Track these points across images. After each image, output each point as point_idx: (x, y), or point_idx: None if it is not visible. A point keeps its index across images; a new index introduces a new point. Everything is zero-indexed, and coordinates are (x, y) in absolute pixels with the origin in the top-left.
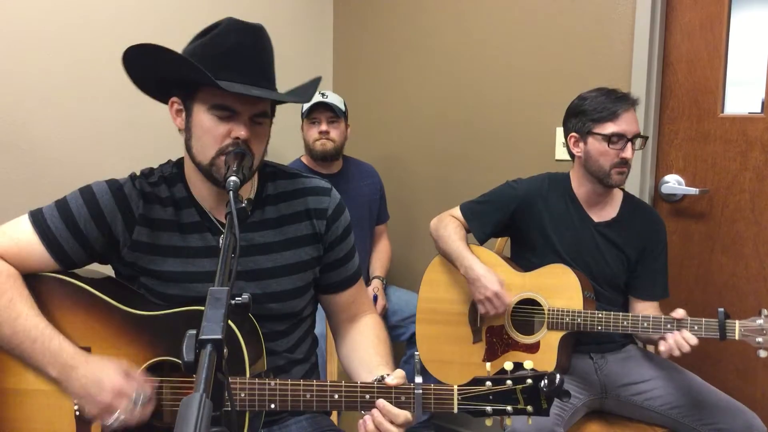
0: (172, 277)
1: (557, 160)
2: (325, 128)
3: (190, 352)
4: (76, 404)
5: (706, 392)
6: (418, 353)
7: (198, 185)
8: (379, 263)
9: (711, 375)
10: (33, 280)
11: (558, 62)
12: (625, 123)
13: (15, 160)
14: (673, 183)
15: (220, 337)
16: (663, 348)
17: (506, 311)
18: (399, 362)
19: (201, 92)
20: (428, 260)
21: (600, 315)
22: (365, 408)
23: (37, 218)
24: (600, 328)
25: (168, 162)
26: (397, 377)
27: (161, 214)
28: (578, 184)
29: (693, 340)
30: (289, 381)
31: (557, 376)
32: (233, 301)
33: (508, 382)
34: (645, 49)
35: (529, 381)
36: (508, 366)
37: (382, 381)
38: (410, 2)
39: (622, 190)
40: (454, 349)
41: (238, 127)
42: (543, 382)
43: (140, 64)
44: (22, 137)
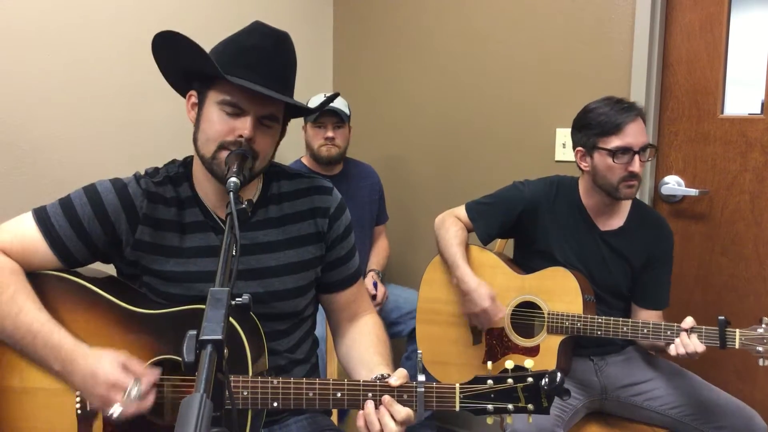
0: (174, 277)
1: (557, 161)
2: (331, 134)
3: (190, 352)
4: (79, 397)
5: (707, 392)
6: (420, 352)
7: (203, 184)
8: (375, 259)
9: (711, 376)
10: (36, 277)
11: (558, 63)
12: (631, 135)
13: (15, 160)
14: (673, 184)
15: (220, 337)
16: (672, 347)
17: (506, 314)
18: (400, 358)
19: (214, 87)
20: (428, 260)
21: (600, 320)
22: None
23: (41, 216)
24: (600, 333)
25: (173, 161)
26: (400, 377)
27: (165, 213)
28: (586, 194)
29: (700, 347)
30: (292, 379)
31: (558, 375)
32: (233, 302)
33: (510, 380)
34: (645, 50)
35: (530, 379)
36: (510, 365)
37: (383, 379)
38: (410, 2)
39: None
40: (454, 351)
41: (243, 125)
42: (544, 381)
43: (164, 53)
44: (22, 137)
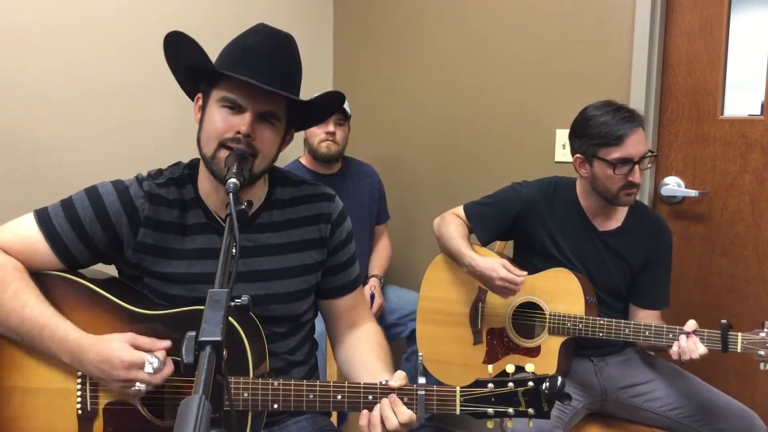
0: (176, 279)
1: (557, 162)
2: (333, 129)
3: (189, 353)
4: (80, 398)
5: (707, 393)
6: (421, 354)
7: (206, 185)
8: (377, 263)
9: (711, 378)
10: (38, 277)
11: (558, 64)
12: (632, 147)
13: (15, 161)
14: (673, 185)
15: (219, 338)
16: (674, 348)
17: (507, 314)
18: (400, 359)
19: (217, 87)
20: (428, 260)
21: (602, 322)
22: (368, 409)
23: (43, 217)
24: (601, 335)
25: (178, 163)
26: (399, 379)
27: (167, 216)
28: (584, 196)
29: (702, 349)
30: (293, 381)
31: (558, 379)
32: (233, 303)
33: (510, 384)
34: (645, 51)
35: (530, 383)
36: (510, 368)
37: (384, 384)
38: (410, 3)
39: None
40: (454, 350)
41: (241, 121)
42: (544, 385)
43: (170, 53)
44: (22, 138)
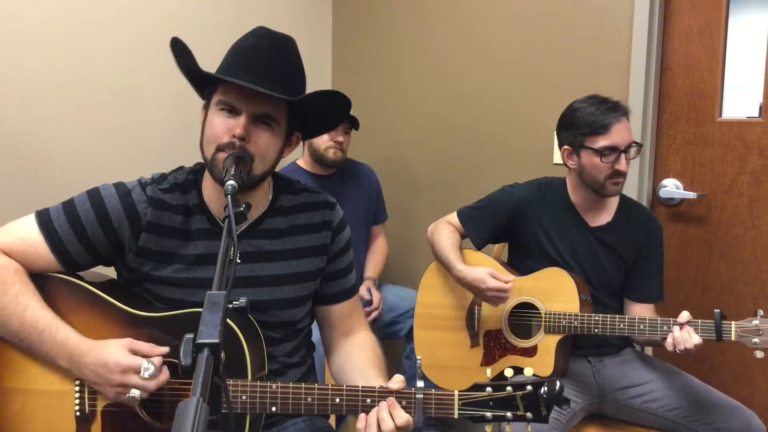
0: (177, 283)
1: (555, 164)
2: (341, 138)
3: (187, 356)
4: (78, 399)
5: (704, 392)
6: (419, 358)
7: (209, 190)
8: (372, 263)
9: (709, 379)
10: (39, 279)
11: (556, 66)
12: (617, 135)
13: (15, 164)
14: (671, 187)
15: (217, 341)
16: (668, 340)
17: (503, 316)
18: (398, 358)
19: (216, 91)
20: (426, 261)
21: (597, 318)
22: (365, 412)
23: (44, 219)
24: (597, 330)
25: (181, 168)
26: (398, 382)
27: (170, 221)
28: (574, 191)
29: (696, 339)
30: (291, 384)
31: (557, 384)
32: (230, 305)
33: (508, 388)
34: (643, 54)
35: (529, 387)
36: (508, 372)
37: (383, 387)
38: (409, 4)
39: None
40: (452, 354)
41: (237, 124)
42: (543, 389)
43: (176, 59)
44: (21, 140)
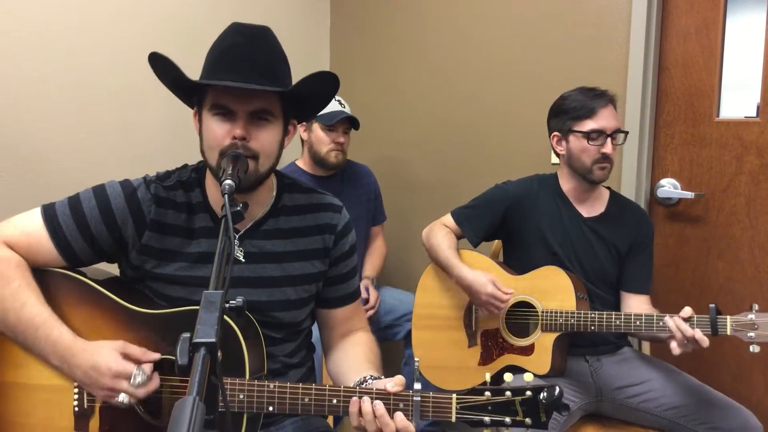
0: (178, 281)
1: (553, 164)
2: (343, 139)
3: (184, 355)
4: (77, 394)
5: (702, 392)
6: (417, 360)
7: (213, 189)
8: (370, 264)
9: (707, 378)
10: (40, 274)
11: (555, 66)
12: (604, 119)
13: (14, 164)
14: (669, 187)
15: (213, 340)
16: (673, 345)
17: (500, 315)
18: (396, 364)
19: (206, 97)
20: (424, 262)
21: (593, 315)
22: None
23: (49, 214)
24: (594, 328)
25: (185, 166)
26: (397, 384)
27: (174, 219)
28: (565, 181)
29: (689, 332)
30: (288, 384)
31: (557, 389)
32: (227, 305)
33: (507, 393)
34: (641, 53)
35: (528, 393)
36: (508, 377)
37: (372, 379)
38: (407, 5)
39: (609, 189)
40: (449, 354)
41: (235, 126)
42: (542, 395)
43: (157, 72)
44: (20, 141)
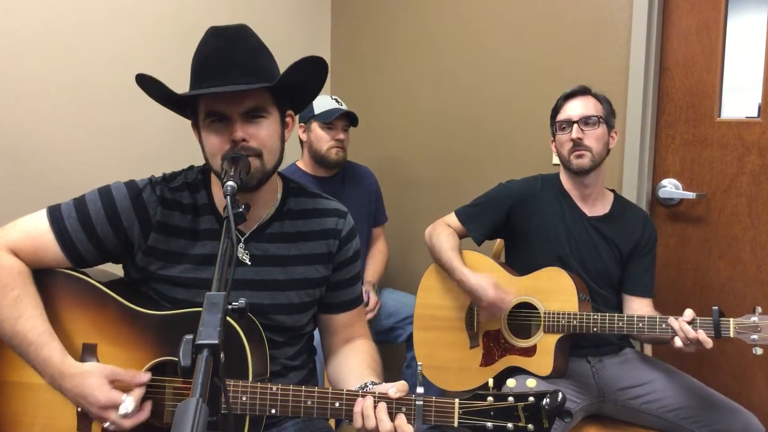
0: (183, 283)
1: (555, 164)
2: (342, 136)
3: (186, 356)
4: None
5: (704, 394)
6: (420, 364)
7: (218, 192)
8: (372, 267)
9: (709, 380)
10: (43, 274)
11: (556, 66)
12: (570, 109)
13: (14, 165)
14: (670, 187)
15: (216, 342)
16: (677, 329)
17: (502, 316)
18: (398, 366)
19: (199, 108)
20: (426, 263)
21: (596, 316)
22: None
23: (55, 216)
24: (596, 329)
25: (192, 167)
26: (400, 389)
27: (179, 220)
28: (564, 179)
29: (692, 334)
30: (291, 387)
31: (559, 395)
32: (230, 306)
33: (510, 398)
34: (642, 54)
35: (531, 399)
36: (511, 382)
37: (372, 385)
38: (408, 5)
39: (613, 191)
40: (451, 355)
41: (232, 129)
42: (545, 401)
43: (146, 91)
44: (20, 142)
